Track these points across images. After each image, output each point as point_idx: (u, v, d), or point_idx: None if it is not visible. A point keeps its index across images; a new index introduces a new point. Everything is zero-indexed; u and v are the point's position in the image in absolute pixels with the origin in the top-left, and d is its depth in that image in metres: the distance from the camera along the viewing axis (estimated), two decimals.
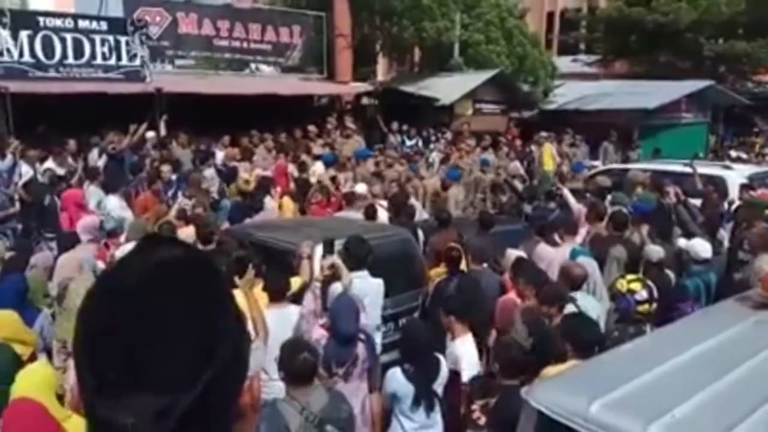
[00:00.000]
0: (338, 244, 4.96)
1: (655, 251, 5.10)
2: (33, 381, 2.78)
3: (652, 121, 15.56)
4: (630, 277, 4.21)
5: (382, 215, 7.34)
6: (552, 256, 5.20)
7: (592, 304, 4.13)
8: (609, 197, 7.47)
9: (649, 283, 4.09)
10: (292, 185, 9.12)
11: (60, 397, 2.83)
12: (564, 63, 21.60)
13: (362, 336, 3.82)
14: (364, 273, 4.49)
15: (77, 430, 2.79)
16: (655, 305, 4.00)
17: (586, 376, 2.48)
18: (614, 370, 2.48)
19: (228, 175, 9.11)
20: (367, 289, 4.39)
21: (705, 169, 9.21)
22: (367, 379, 3.86)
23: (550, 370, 3.45)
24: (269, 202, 7.87)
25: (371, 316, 4.35)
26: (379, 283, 4.58)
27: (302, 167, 9.69)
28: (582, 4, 26.80)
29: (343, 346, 3.72)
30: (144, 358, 0.65)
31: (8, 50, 10.48)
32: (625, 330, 3.92)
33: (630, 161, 12.29)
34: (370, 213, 6.99)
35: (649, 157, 12.67)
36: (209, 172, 8.84)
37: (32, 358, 3.69)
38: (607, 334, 4.01)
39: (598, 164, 11.52)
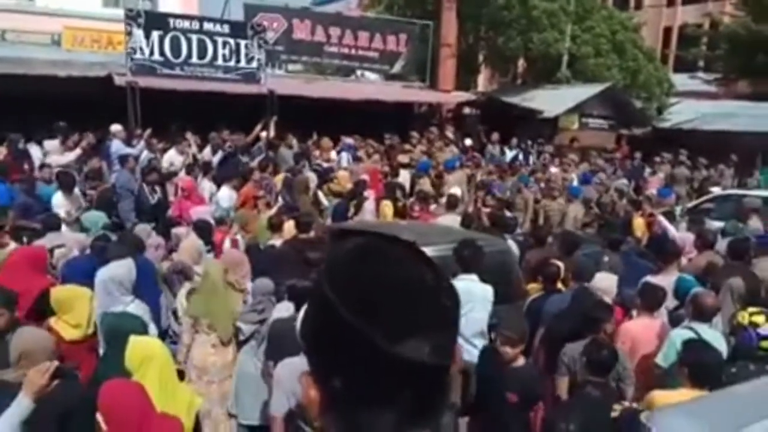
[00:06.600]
0: (437, 250, 4.92)
1: None
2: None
3: None
4: (752, 309, 3.87)
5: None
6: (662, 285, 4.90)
7: (718, 341, 3.83)
8: (721, 225, 7.05)
9: None
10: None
11: (180, 373, 2.96)
12: (681, 80, 20.39)
13: None
14: (473, 277, 4.38)
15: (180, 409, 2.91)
16: None
17: (712, 409, 2.32)
18: (742, 405, 2.30)
19: (323, 174, 9.30)
20: (472, 294, 4.26)
21: None
22: None
23: (660, 396, 3.26)
24: (369, 204, 8.03)
25: (471, 321, 4.23)
26: (485, 289, 4.45)
27: (395, 173, 9.82)
28: (703, 20, 25.17)
29: None
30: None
31: (141, 48, 11.39)
32: (746, 367, 3.60)
33: (747, 187, 11.43)
34: (467, 221, 6.94)
35: None
36: (310, 173, 9.03)
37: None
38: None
39: (717, 189, 10.77)
